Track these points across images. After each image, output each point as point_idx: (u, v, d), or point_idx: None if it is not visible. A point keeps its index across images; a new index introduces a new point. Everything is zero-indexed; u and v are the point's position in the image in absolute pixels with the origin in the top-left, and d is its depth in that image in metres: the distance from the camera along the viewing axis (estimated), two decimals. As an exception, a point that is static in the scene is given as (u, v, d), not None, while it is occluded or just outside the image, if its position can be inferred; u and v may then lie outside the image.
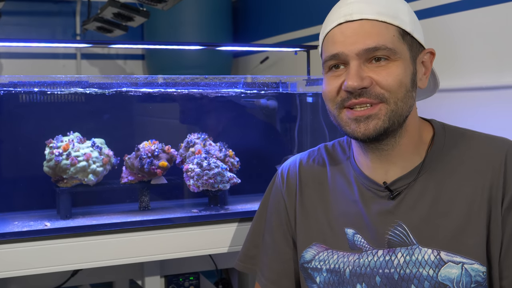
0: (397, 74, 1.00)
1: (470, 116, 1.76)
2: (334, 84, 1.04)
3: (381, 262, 1.06)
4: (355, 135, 1.04)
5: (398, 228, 1.05)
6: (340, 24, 1.03)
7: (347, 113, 1.04)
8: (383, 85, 1.00)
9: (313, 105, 1.88)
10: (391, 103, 1.01)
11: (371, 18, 1.01)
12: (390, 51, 1.00)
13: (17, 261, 1.32)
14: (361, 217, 1.10)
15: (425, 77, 1.08)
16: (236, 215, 1.54)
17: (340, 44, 1.02)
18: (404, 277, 1.03)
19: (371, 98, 1.01)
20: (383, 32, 1.00)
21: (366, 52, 1.00)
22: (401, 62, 1.01)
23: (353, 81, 1.00)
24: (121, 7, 2.61)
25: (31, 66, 3.61)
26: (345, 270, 1.09)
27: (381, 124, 1.01)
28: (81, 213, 1.52)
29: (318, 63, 1.13)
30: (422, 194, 1.06)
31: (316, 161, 1.23)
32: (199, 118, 1.85)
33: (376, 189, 1.09)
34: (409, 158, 1.08)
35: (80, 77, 1.65)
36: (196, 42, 2.71)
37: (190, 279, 1.79)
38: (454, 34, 1.82)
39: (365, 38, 1.00)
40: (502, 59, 1.68)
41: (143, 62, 3.93)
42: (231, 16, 3.62)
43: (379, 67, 1.01)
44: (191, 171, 1.53)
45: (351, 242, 1.10)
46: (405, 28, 1.02)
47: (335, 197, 1.16)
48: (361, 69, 1.01)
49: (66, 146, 1.47)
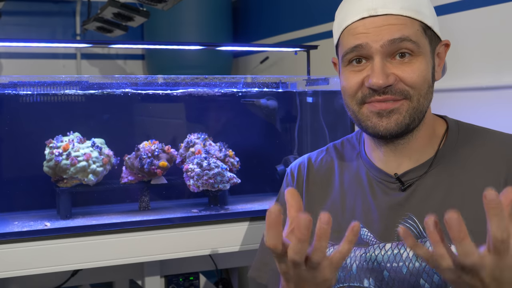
0: (421, 70, 0.99)
1: (470, 116, 1.75)
2: (355, 79, 1.02)
3: (389, 256, 1.04)
4: (377, 129, 1.02)
5: (408, 221, 1.03)
6: (364, 18, 1.01)
7: (369, 107, 1.02)
8: (408, 82, 0.99)
9: (313, 105, 1.88)
10: (414, 100, 1.00)
11: (395, 13, 0.99)
12: (415, 44, 0.98)
13: (17, 261, 1.32)
14: (369, 211, 1.08)
15: (439, 69, 1.07)
16: (236, 215, 1.54)
17: (363, 36, 1.00)
18: (413, 271, 1.01)
19: (396, 95, 0.99)
20: (408, 26, 0.99)
21: (391, 43, 0.98)
22: (423, 58, 1.00)
23: (379, 79, 0.98)
24: (121, 7, 2.61)
25: (31, 66, 3.61)
26: (352, 265, 1.08)
27: (402, 120, 1.00)
28: (81, 213, 1.52)
29: (318, 63, 1.13)
30: (434, 188, 1.04)
31: (324, 160, 1.22)
32: (199, 118, 1.85)
33: (387, 181, 1.08)
34: (422, 151, 1.07)
35: (80, 77, 1.65)
36: (196, 42, 2.71)
37: (190, 279, 1.79)
38: (454, 34, 1.82)
39: (390, 30, 0.98)
40: (502, 59, 1.68)
41: (143, 62, 3.93)
42: (231, 16, 3.62)
43: (403, 63, 0.99)
44: (191, 171, 1.53)
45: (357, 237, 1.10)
46: (427, 22, 1.01)
47: (342, 194, 1.15)
48: (385, 66, 0.99)
49: (66, 146, 1.47)
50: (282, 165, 1.79)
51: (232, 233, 1.50)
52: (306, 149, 1.85)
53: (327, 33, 2.59)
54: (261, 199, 1.72)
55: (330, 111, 1.86)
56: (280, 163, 1.81)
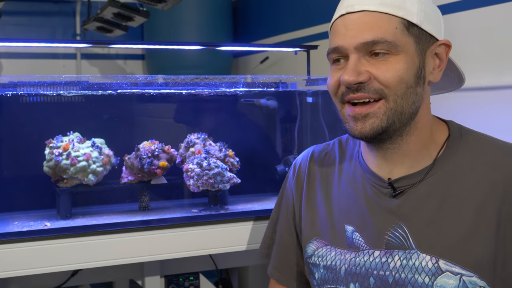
0: (397, 69, 0.97)
1: (471, 116, 1.76)
2: (335, 77, 1.03)
3: (377, 263, 1.03)
4: (352, 133, 1.02)
5: (398, 230, 1.02)
6: (343, 15, 1.01)
7: (348, 109, 1.02)
8: (381, 81, 0.97)
9: (313, 105, 1.88)
10: (390, 101, 0.98)
11: (372, 9, 0.98)
12: (390, 44, 0.96)
13: (17, 261, 1.32)
14: (362, 215, 1.08)
15: (438, 70, 1.04)
16: (236, 215, 1.54)
17: (341, 37, 1.00)
18: (399, 281, 1.00)
19: (370, 93, 0.98)
20: (384, 24, 0.97)
21: (364, 46, 0.97)
22: (402, 56, 0.98)
23: (349, 76, 0.98)
24: (121, 7, 2.61)
25: (31, 66, 3.61)
26: (341, 268, 1.08)
27: (379, 123, 0.99)
28: (81, 213, 1.52)
29: (318, 63, 1.14)
30: (428, 197, 1.02)
31: (327, 156, 1.22)
32: (199, 118, 1.85)
33: (380, 185, 1.06)
34: (417, 157, 1.04)
35: (80, 77, 1.65)
36: (196, 42, 2.71)
37: (190, 279, 1.79)
38: (454, 34, 1.82)
39: (363, 31, 0.97)
40: (502, 59, 1.68)
41: (143, 62, 3.93)
42: (231, 16, 3.62)
43: (378, 61, 0.98)
44: (191, 171, 1.53)
45: (349, 240, 1.08)
46: (411, 20, 0.98)
47: (339, 193, 1.15)
48: (359, 63, 0.98)
49: (66, 146, 1.47)
50: (282, 165, 1.79)
51: (232, 233, 1.50)
52: (306, 149, 1.85)
53: (327, 33, 2.59)
54: (261, 199, 1.72)
55: (330, 111, 1.85)
56: (280, 163, 1.81)
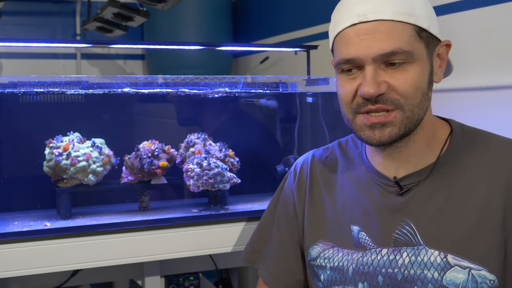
0: (414, 79, 0.97)
1: (471, 116, 1.76)
2: (349, 87, 1.01)
3: (385, 261, 1.04)
4: (370, 141, 1.01)
5: (405, 227, 1.03)
6: (354, 24, 0.99)
7: (363, 118, 1.01)
8: (399, 91, 0.97)
9: (313, 105, 1.88)
10: (407, 110, 0.98)
11: (386, 18, 0.96)
12: (407, 54, 0.96)
13: (17, 261, 1.32)
14: (368, 214, 1.08)
15: (440, 70, 1.04)
16: (236, 215, 1.54)
17: (354, 47, 0.98)
18: (408, 278, 1.01)
19: (387, 104, 0.98)
20: (399, 33, 0.96)
21: (382, 57, 0.96)
22: (418, 64, 0.98)
23: (370, 88, 0.96)
24: (121, 7, 2.61)
25: (31, 66, 3.61)
26: (349, 268, 1.08)
27: (397, 132, 0.99)
28: (81, 213, 1.52)
29: (318, 63, 1.13)
30: (433, 194, 1.03)
31: (328, 158, 1.22)
32: (199, 118, 1.85)
33: (386, 184, 1.07)
34: (422, 155, 1.05)
35: (80, 77, 1.65)
36: (196, 42, 2.71)
37: (190, 279, 1.79)
38: (454, 34, 1.82)
39: (381, 41, 0.96)
40: (502, 59, 1.68)
41: (143, 62, 3.93)
42: (231, 16, 3.62)
43: (396, 71, 0.97)
44: (191, 171, 1.53)
45: (355, 240, 1.09)
46: (422, 25, 0.98)
47: (343, 194, 1.15)
48: (377, 74, 0.97)
49: (66, 146, 1.47)
50: (282, 165, 1.79)
51: (232, 233, 1.50)
52: (306, 149, 1.85)
53: (327, 33, 2.58)
54: (261, 199, 1.72)
55: (330, 111, 1.85)
56: (280, 163, 1.81)
